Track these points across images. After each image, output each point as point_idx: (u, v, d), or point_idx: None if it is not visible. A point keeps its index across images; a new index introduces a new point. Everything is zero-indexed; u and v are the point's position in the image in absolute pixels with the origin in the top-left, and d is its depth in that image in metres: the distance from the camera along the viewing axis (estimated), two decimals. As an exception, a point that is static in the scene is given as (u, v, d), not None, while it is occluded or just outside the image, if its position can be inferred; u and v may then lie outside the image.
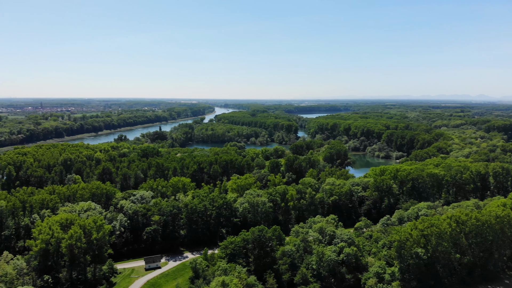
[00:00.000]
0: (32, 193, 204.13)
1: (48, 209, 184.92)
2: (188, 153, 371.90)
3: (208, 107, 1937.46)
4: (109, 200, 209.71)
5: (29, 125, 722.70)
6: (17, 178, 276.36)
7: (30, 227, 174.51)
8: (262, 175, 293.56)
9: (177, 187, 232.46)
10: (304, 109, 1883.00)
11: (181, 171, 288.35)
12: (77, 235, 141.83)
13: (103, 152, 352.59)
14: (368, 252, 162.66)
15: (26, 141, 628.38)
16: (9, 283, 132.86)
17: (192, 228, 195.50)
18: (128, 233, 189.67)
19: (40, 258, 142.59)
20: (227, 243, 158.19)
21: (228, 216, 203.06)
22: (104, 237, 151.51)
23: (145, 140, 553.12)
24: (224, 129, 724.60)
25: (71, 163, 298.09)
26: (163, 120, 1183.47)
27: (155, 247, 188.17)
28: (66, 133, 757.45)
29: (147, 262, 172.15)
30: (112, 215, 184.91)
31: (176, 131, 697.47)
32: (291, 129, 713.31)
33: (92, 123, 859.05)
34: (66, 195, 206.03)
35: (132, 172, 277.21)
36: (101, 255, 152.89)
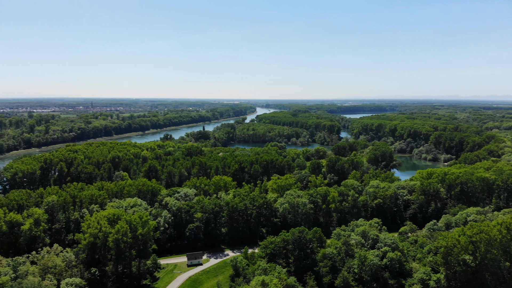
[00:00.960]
0: (82, 189, 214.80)
1: (96, 204, 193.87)
2: (229, 152, 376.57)
3: (249, 107, 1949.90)
4: (155, 197, 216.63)
5: (80, 123, 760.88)
6: (68, 174, 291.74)
7: (79, 221, 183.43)
8: (303, 176, 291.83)
9: (219, 186, 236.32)
10: (347, 109, 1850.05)
11: (223, 170, 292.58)
12: (123, 230, 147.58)
13: (150, 150, 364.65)
14: (412, 257, 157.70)
15: (77, 139, 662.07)
16: (58, 274, 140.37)
17: (233, 226, 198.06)
18: (172, 229, 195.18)
19: (88, 251, 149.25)
20: (267, 242, 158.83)
21: (268, 216, 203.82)
22: (149, 233, 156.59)
23: (189, 139, 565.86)
24: (265, 129, 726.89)
25: (119, 160, 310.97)
26: (207, 120, 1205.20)
27: (197, 243, 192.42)
28: (114, 132, 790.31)
29: (189, 259, 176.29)
30: (157, 212, 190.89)
31: (218, 131, 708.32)
32: (334, 129, 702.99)
33: (139, 122, 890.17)
34: (114, 191, 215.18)
35: (177, 170, 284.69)
36: (146, 250, 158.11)
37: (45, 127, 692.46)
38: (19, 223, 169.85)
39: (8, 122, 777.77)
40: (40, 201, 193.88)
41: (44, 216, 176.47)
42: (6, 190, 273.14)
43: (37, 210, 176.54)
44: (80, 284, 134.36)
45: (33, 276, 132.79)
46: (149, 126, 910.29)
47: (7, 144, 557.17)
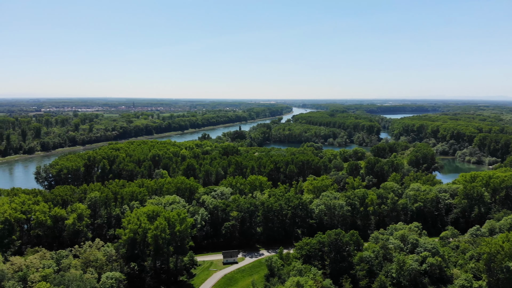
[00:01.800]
0: (123, 186, 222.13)
1: (137, 201, 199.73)
2: (265, 152, 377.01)
3: (285, 107, 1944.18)
4: (192, 195, 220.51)
5: (122, 123, 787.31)
6: (110, 171, 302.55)
7: (120, 217, 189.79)
8: (340, 177, 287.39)
9: (254, 185, 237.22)
10: (387, 109, 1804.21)
11: (258, 170, 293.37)
12: (162, 227, 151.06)
13: (188, 149, 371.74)
14: (453, 263, 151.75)
15: (119, 137, 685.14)
16: (99, 268, 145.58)
17: (268, 226, 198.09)
18: (208, 227, 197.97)
19: (128, 246, 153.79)
20: (302, 244, 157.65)
21: (303, 217, 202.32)
22: (187, 230, 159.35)
23: (226, 139, 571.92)
24: (301, 129, 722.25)
25: (159, 159, 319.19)
26: (243, 120, 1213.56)
27: (232, 242, 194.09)
28: (155, 131, 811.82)
29: (225, 256, 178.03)
30: (194, 209, 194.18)
31: (254, 131, 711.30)
32: (373, 130, 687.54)
33: (178, 122, 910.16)
34: (153, 188, 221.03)
35: (214, 169, 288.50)
36: (183, 247, 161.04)
37: (89, 125, 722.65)
38: (63, 218, 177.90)
39: (54, 121, 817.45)
40: (84, 197, 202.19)
41: (87, 212, 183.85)
42: (52, 185, 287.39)
43: (81, 206, 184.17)
44: (119, 278, 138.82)
45: (75, 269, 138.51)
46: (188, 126, 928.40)
47: (53, 142, 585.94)
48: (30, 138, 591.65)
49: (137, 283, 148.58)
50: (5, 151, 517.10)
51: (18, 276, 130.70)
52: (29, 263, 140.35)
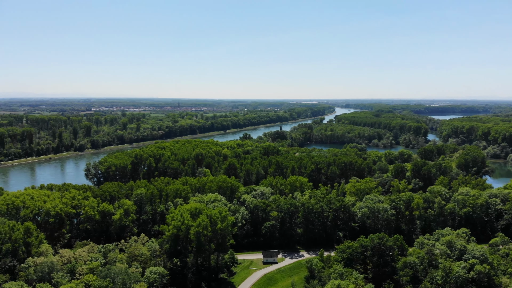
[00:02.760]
0: (168, 183, 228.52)
1: (180, 198, 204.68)
2: (306, 153, 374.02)
3: (328, 107, 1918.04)
4: (233, 194, 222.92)
5: (168, 122, 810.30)
6: (156, 169, 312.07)
7: (164, 213, 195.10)
8: (385, 180, 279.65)
9: (294, 186, 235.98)
10: (435, 109, 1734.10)
11: (299, 171, 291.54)
12: (204, 224, 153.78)
13: (230, 149, 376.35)
14: (503, 271, 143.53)
15: (165, 136, 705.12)
16: (143, 262, 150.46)
17: (309, 227, 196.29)
18: (249, 226, 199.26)
19: (171, 242, 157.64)
20: (344, 247, 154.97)
21: (345, 220, 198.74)
22: (228, 228, 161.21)
23: (266, 139, 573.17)
24: (344, 129, 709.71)
25: (202, 157, 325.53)
26: (284, 120, 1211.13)
27: (272, 242, 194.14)
28: (198, 131, 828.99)
29: (265, 256, 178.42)
30: (235, 208, 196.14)
31: (295, 131, 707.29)
32: (420, 131, 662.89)
33: (221, 122, 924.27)
34: (196, 186, 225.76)
35: (254, 169, 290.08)
36: (224, 245, 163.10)
37: (137, 125, 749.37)
38: (111, 213, 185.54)
39: (104, 120, 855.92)
40: (130, 193, 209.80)
41: (133, 207, 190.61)
42: (100, 182, 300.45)
43: (127, 202, 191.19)
44: (163, 273, 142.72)
45: (121, 263, 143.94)
46: (230, 126, 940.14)
47: (103, 140, 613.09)
48: (81, 136, 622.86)
49: (179, 278, 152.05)
50: (58, 148, 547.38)
51: (66, 268, 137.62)
52: (78, 255, 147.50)
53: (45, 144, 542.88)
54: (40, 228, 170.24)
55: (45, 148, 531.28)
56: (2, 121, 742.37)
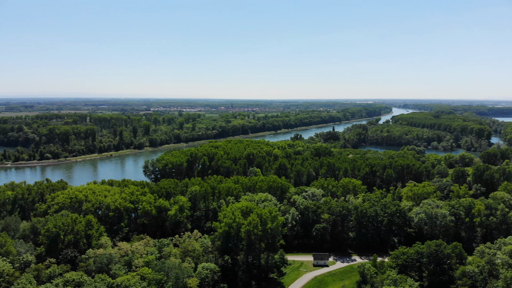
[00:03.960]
0: (220, 181, 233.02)
1: (232, 196, 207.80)
2: (360, 154, 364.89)
3: (384, 107, 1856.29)
4: (283, 194, 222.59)
5: (221, 122, 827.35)
6: (209, 167, 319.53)
7: (217, 210, 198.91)
8: (444, 184, 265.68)
9: (347, 188, 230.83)
10: (500, 111, 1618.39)
11: (352, 173, 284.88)
12: (254, 223, 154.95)
13: (280, 149, 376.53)
14: None
15: (218, 136, 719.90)
16: (196, 258, 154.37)
17: (362, 232, 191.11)
18: (299, 227, 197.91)
19: (223, 239, 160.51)
20: (398, 253, 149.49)
21: (401, 225, 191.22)
22: (278, 228, 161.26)
23: (318, 140, 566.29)
24: (401, 131, 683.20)
25: (253, 157, 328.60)
26: (337, 120, 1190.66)
27: (323, 244, 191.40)
28: (250, 131, 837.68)
29: (315, 258, 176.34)
30: (285, 208, 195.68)
31: (349, 132, 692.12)
32: (483, 134, 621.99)
33: (272, 122, 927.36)
34: (247, 185, 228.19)
35: (305, 170, 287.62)
36: (274, 244, 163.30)
37: (192, 124, 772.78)
38: (167, 209, 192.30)
39: (161, 120, 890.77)
40: (185, 190, 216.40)
41: (188, 204, 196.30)
42: (157, 178, 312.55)
43: (182, 198, 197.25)
44: (214, 270, 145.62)
45: (174, 258, 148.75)
46: (281, 126, 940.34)
47: (160, 139, 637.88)
48: (140, 135, 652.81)
49: (230, 276, 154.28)
50: (118, 146, 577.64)
51: (124, 260, 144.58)
52: (135, 249, 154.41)
53: (107, 141, 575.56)
54: (101, 221, 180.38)
55: (107, 146, 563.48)
56: (68, 120, 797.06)
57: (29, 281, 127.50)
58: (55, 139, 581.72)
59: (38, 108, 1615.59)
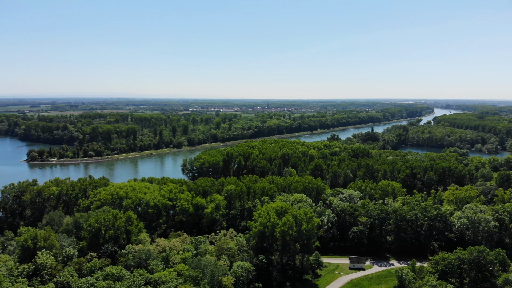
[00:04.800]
0: (255, 181, 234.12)
1: (267, 196, 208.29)
2: (400, 156, 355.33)
3: (426, 108, 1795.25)
4: (319, 195, 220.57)
5: (257, 122, 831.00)
6: (245, 167, 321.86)
7: (252, 210, 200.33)
8: (488, 188, 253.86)
9: (386, 191, 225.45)
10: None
11: (391, 175, 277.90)
12: (289, 223, 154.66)
13: (316, 149, 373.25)
14: None
15: (253, 136, 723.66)
16: (231, 256, 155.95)
17: (400, 236, 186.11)
18: (335, 229, 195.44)
19: (257, 239, 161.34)
20: (438, 258, 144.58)
21: (441, 230, 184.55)
22: (313, 229, 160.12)
23: (356, 141, 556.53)
24: (443, 132, 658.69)
25: (288, 157, 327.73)
26: (376, 121, 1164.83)
27: (360, 248, 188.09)
28: (286, 131, 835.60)
29: (351, 262, 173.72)
30: (321, 210, 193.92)
31: (388, 133, 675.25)
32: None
33: (308, 122, 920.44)
34: (282, 185, 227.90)
35: (342, 171, 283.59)
36: (309, 246, 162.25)
37: (229, 124, 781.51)
38: (203, 207, 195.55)
39: (199, 120, 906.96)
40: (221, 188, 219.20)
41: (223, 203, 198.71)
42: (195, 177, 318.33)
43: (218, 197, 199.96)
44: (249, 269, 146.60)
45: (210, 255, 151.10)
46: (317, 126, 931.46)
47: (198, 138, 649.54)
48: (179, 134, 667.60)
49: (265, 275, 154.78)
50: (158, 145, 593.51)
51: (161, 256, 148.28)
52: (172, 245, 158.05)
53: (147, 140, 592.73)
54: (140, 217, 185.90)
55: (147, 144, 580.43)
56: (110, 119, 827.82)
57: (71, 274, 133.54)
58: (98, 138, 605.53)
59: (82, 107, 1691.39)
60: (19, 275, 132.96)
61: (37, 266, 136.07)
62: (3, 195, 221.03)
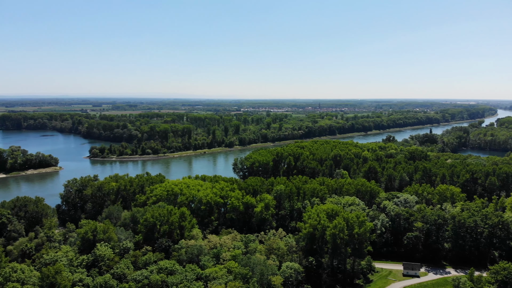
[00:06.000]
0: (305, 182, 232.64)
1: (317, 197, 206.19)
2: (460, 160, 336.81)
3: (488, 109, 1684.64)
4: (373, 199, 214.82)
5: (308, 123, 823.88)
6: (295, 167, 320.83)
7: (301, 211, 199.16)
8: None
9: (444, 196, 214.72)
10: None
11: (450, 179, 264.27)
12: (340, 226, 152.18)
13: (370, 151, 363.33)
14: None
15: (304, 136, 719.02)
16: (280, 256, 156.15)
17: (458, 243, 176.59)
18: (389, 234, 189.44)
19: (307, 240, 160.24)
20: (499, 268, 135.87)
21: (503, 238, 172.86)
22: (365, 234, 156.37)
23: (413, 142, 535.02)
24: (507, 135, 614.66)
25: (340, 159, 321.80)
26: (435, 122, 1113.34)
27: (415, 254, 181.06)
28: (338, 131, 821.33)
29: (405, 268, 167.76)
30: (374, 214, 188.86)
31: (448, 135, 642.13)
32: None
33: (362, 123, 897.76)
34: (333, 187, 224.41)
35: (398, 174, 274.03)
36: (361, 250, 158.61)
37: (279, 125, 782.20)
38: (253, 205, 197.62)
39: (250, 120, 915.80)
40: (271, 188, 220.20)
41: (273, 202, 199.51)
42: (245, 176, 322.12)
43: (268, 196, 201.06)
44: (298, 270, 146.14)
45: (260, 254, 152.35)
46: (372, 127, 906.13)
47: (249, 138, 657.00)
48: (231, 134, 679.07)
49: (314, 277, 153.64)
50: (211, 144, 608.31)
51: (213, 252, 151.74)
52: (223, 242, 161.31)
53: (201, 139, 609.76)
54: (193, 213, 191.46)
55: (201, 143, 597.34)
56: (167, 119, 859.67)
57: (127, 266, 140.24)
58: (155, 136, 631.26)
59: (141, 107, 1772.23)
60: (78, 265, 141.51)
61: (96, 257, 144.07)
62: (67, 189, 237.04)
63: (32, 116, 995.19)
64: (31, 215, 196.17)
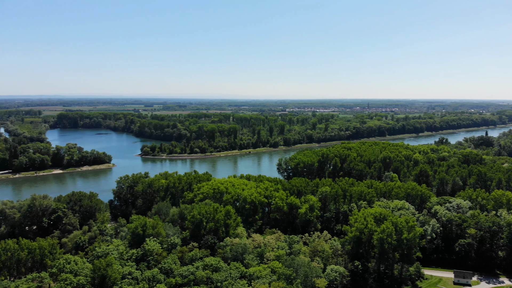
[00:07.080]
0: (352, 184, 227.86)
1: (365, 201, 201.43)
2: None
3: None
4: (423, 203, 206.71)
5: (355, 123, 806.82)
6: (341, 169, 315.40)
7: (347, 214, 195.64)
8: None
9: (500, 202, 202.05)
10: None
11: (507, 184, 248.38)
12: (388, 231, 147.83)
13: (422, 153, 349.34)
14: None
15: (351, 137, 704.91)
16: (325, 259, 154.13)
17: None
18: (440, 240, 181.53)
19: (353, 244, 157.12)
20: None
21: None
22: (415, 239, 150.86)
23: (467, 145, 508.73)
24: None
25: (390, 161, 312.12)
26: (491, 124, 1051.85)
27: (466, 262, 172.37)
28: (387, 132, 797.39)
29: (456, 276, 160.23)
30: (424, 219, 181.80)
31: (505, 137, 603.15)
32: None
33: (413, 124, 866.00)
34: (382, 190, 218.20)
35: (450, 178, 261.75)
36: (410, 256, 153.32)
37: (325, 125, 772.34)
38: (297, 206, 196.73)
39: (295, 120, 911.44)
40: (315, 190, 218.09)
41: (318, 204, 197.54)
42: (290, 176, 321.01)
43: (312, 198, 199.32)
44: (343, 273, 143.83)
45: (304, 256, 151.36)
46: (424, 128, 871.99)
47: (294, 138, 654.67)
48: (276, 134, 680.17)
49: (360, 282, 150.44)
50: (256, 144, 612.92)
51: (257, 251, 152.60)
52: (267, 242, 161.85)
53: (246, 139, 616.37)
54: (238, 212, 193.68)
55: (246, 143, 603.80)
56: (214, 119, 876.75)
57: (174, 261, 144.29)
58: (203, 136, 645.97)
59: (190, 107, 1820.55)
60: (128, 259, 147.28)
61: (145, 251, 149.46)
62: (119, 185, 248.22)
63: (88, 115, 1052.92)
64: (85, 210, 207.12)
